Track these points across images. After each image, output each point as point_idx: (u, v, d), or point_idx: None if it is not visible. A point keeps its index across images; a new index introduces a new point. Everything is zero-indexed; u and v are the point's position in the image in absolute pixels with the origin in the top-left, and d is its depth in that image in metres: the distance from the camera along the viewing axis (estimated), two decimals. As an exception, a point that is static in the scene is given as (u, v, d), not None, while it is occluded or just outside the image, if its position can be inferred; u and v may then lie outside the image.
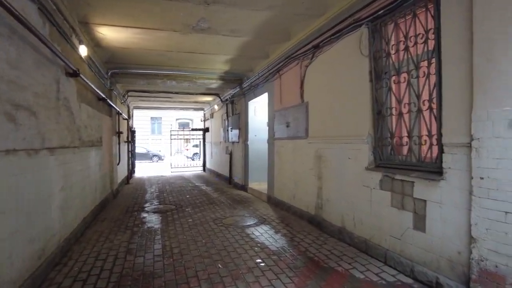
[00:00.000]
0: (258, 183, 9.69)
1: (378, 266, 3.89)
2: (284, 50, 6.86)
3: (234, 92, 10.87)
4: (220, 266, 3.97)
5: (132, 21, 5.64)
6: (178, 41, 6.67)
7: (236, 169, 11.13)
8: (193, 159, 26.26)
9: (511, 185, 2.58)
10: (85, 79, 5.54)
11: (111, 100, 8.41)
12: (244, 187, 10.03)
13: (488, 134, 2.75)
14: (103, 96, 7.30)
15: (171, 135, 17.51)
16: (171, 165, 17.36)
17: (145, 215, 6.83)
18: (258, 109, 9.90)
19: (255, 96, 9.15)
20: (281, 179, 7.33)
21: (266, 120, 9.84)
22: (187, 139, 20.47)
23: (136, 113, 19.69)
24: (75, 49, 5.39)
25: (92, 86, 6.19)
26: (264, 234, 5.27)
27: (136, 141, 17.67)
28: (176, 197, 9.04)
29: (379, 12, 4.11)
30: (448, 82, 3.21)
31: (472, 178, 2.88)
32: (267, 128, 9.82)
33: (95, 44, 6.64)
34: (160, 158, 27.80)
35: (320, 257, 4.22)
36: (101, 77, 7.59)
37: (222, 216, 6.53)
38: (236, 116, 10.87)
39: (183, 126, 35.67)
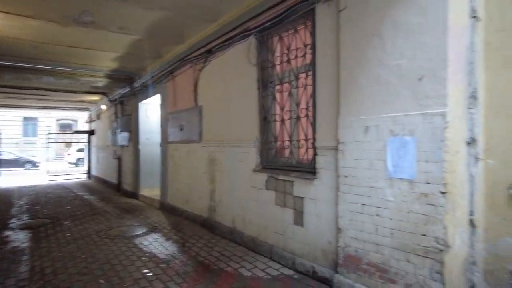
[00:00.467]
0: (150, 190, 9.21)
1: (264, 262, 4.13)
2: (178, 52, 6.74)
3: (124, 92, 10.16)
4: (103, 282, 3.63)
5: (-6, 3, 4.74)
6: (56, 33, 5.87)
7: (125, 175, 10.37)
8: (77, 165, 23.40)
9: (366, 181, 3.06)
10: None
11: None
12: (134, 195, 9.42)
13: (350, 138, 3.21)
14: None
15: (49, 138, 15.30)
16: (48, 173, 15.13)
17: (8, 233, 5.77)
18: (151, 111, 9.46)
19: (147, 97, 8.71)
20: (175, 184, 7.14)
21: (159, 122, 9.51)
22: (69, 142, 18.11)
23: (4, 113, 16.56)
24: None
25: None
26: (153, 242, 5.04)
27: (3, 146, 14.83)
28: (52, 209, 7.91)
29: (266, 24, 4.40)
30: (321, 93, 3.64)
31: (338, 176, 3.32)
32: (160, 131, 9.49)
33: None
34: (34, 165, 23.84)
35: (211, 260, 4.26)
36: None
37: (107, 228, 6.00)
38: (126, 117, 10.16)
39: (65, 127, 31.57)
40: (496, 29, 2.84)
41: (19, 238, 5.41)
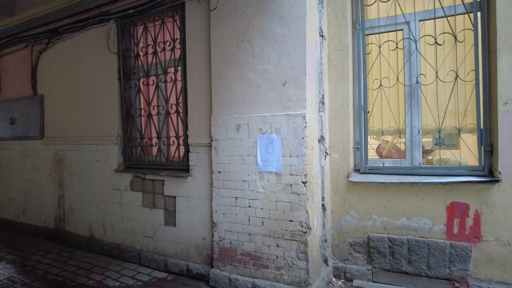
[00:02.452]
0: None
1: (133, 268, 3.84)
2: (7, 26, 5.37)
3: None
4: None
5: None
6: None
7: None
8: None
9: (239, 176, 3.24)
10: None
11: None
12: None
13: (223, 136, 3.33)
14: None
15: None
16: None
17: None
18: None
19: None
20: (2, 191, 5.72)
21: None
22: None
23: None
24: None
25: None
26: (-23, 267, 3.95)
27: None
28: None
29: (129, 11, 4.03)
30: (192, 89, 3.62)
31: (212, 172, 3.40)
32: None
33: None
34: None
35: (66, 276, 3.66)
36: None
37: None
38: None
39: None
40: (335, 48, 3.49)
41: None
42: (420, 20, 3.27)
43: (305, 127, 2.91)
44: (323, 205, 3.28)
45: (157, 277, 3.62)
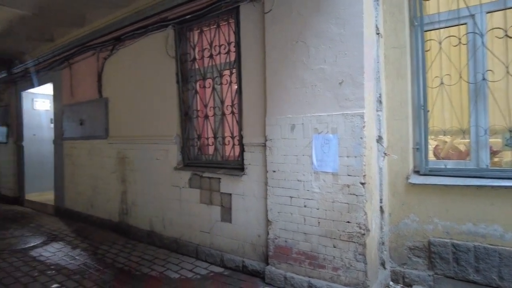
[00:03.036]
0: (40, 194, 7.96)
1: (191, 262, 4.05)
2: (77, 36, 5.91)
3: (-2, 78, 8.43)
4: (-2, 309, 3.03)
5: None
6: None
7: (3, 178, 8.67)
8: None
9: (294, 175, 3.28)
10: None
11: None
12: (18, 200, 7.98)
13: (278, 135, 3.39)
14: None
15: None
16: None
17: None
18: (39, 102, 8.11)
19: (34, 86, 7.42)
20: (74, 186, 6.31)
21: (52, 116, 8.27)
22: None
23: None
24: None
25: None
26: (57, 253, 4.40)
27: None
28: None
29: (186, 17, 4.24)
30: (247, 91, 3.72)
31: (267, 171, 3.47)
32: (51, 126, 8.26)
33: None
34: None
35: (131, 266, 3.96)
36: None
37: (-12, 242, 4.97)
38: (2, 109, 8.48)
39: None
40: (392, 46, 3.38)
41: None
42: (487, 12, 3.06)
43: (363, 126, 2.87)
44: (381, 207, 3.21)
45: (214, 271, 3.79)
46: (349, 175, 2.92)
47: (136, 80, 5.00)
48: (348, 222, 2.90)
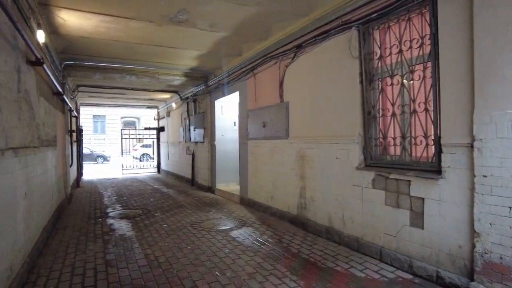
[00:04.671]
0: (226, 184, 9.47)
1: (375, 263, 3.97)
2: (261, 49, 6.75)
3: (197, 90, 10.50)
4: (218, 274, 3.74)
5: (102, 7, 5.08)
6: (150, 33, 6.20)
7: (200, 170, 10.75)
8: (141, 160, 24.87)
9: (516, 182, 2.77)
10: (47, 69, 4.88)
11: (64, 94, 7.56)
12: (211, 189, 9.73)
13: (491, 135, 2.92)
14: (59, 89, 6.53)
15: (121, 134, 16.37)
16: (122, 167, 16.22)
17: (111, 221, 6.24)
18: (226, 108, 9.67)
19: (224, 95, 8.91)
20: (256, 180, 7.21)
21: (235, 119, 9.70)
22: (139, 138, 19.25)
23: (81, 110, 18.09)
24: (34, 34, 4.72)
25: (51, 76, 5.49)
26: (249, 237, 5.11)
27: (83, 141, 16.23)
28: (139, 201, 8.43)
29: (372, 16, 4.20)
30: (446, 86, 3.36)
31: (474, 176, 3.05)
32: (234, 128, 9.69)
33: (53, 30, 5.90)
34: (105, 159, 25.88)
35: (316, 258, 4.20)
36: (55, 68, 6.78)
37: (198, 220, 6.22)
38: (200, 115, 10.50)
39: (129, 125, 33.73)
40: None
41: (122, 227, 5.81)
42: None
43: None
44: None
45: (402, 276, 3.59)
46: None
47: (316, 83, 5.29)
48: None
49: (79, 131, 13.54)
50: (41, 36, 5.00)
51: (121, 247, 4.67)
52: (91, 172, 16.87)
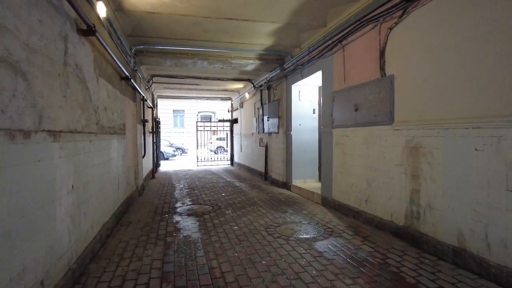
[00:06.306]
0: (303, 181, 8.29)
1: None
2: (353, 12, 5.37)
3: (272, 75, 9.45)
4: (305, 312, 2.61)
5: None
6: (219, 3, 5.30)
7: (274, 163, 9.75)
8: (216, 153, 25.06)
9: None
10: (104, 43, 4.27)
11: (135, 82, 7.18)
12: (286, 185, 8.65)
13: None
14: (127, 74, 6.07)
15: (197, 126, 16.31)
16: (197, 159, 16.19)
17: (178, 218, 5.57)
18: (304, 93, 8.45)
19: (302, 77, 7.67)
20: (344, 177, 5.87)
21: (314, 106, 8.46)
22: (213, 131, 19.21)
23: (160, 104, 18.62)
24: (91, 5, 4.13)
25: (114, 57, 4.94)
26: (340, 253, 3.87)
27: (161, 133, 16.61)
28: (210, 195, 7.77)
29: None
30: None
31: None
32: (314, 115, 8.45)
33: (117, 7, 5.37)
34: (183, 151, 26.84)
35: (450, 299, 2.79)
36: (123, 52, 6.34)
37: (274, 223, 5.17)
38: (275, 103, 9.46)
39: (206, 118, 34.64)
40: None
41: (188, 226, 5.07)
42: None
43: None
44: None
45: None
46: None
47: (442, 43, 3.75)
48: None
49: (156, 123, 13.68)
50: (101, 9, 4.43)
51: (183, 255, 3.85)
52: (169, 164, 17.24)
